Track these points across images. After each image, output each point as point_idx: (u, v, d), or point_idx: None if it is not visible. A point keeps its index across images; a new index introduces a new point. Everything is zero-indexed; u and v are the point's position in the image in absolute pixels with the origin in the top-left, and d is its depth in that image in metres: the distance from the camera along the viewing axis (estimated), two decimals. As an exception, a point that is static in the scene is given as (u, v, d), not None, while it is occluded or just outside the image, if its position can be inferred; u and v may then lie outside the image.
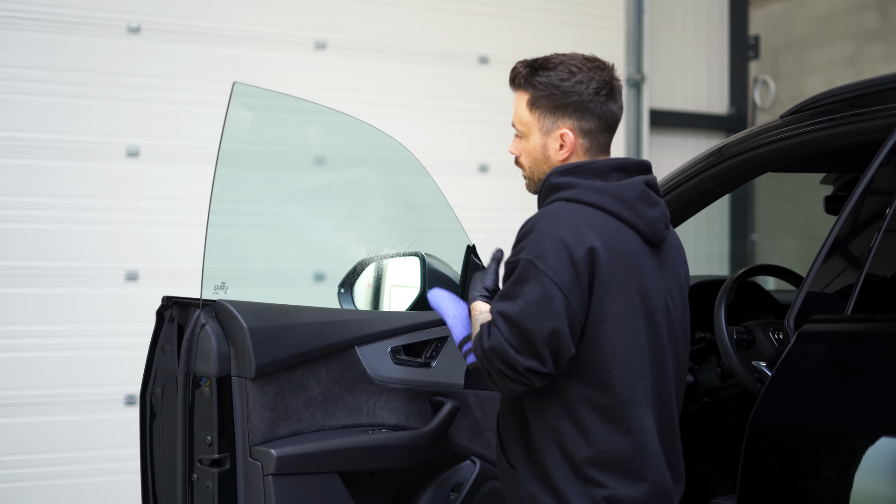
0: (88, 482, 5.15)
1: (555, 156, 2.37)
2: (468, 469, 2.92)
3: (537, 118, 2.38)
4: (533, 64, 2.40)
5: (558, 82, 2.35)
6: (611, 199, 2.29)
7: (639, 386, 2.26)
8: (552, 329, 2.21)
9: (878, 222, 2.34)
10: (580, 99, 2.34)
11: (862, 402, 2.24)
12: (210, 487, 2.57)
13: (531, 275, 2.23)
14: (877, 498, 2.17)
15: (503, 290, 2.30)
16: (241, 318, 2.57)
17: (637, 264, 2.28)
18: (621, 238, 2.27)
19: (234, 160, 2.46)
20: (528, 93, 2.39)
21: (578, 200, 2.29)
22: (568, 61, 2.37)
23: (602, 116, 2.36)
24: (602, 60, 2.41)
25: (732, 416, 3.27)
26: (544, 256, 2.22)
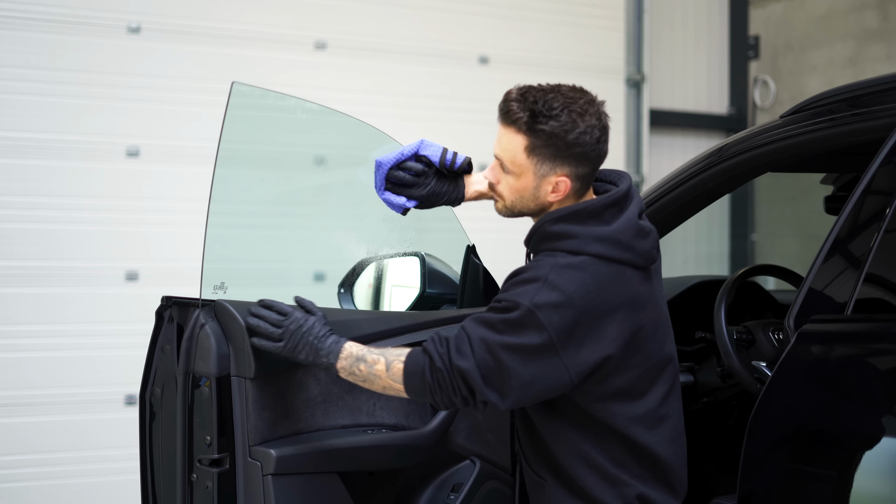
0: (88, 482, 5.15)
1: (545, 197, 2.35)
2: (468, 469, 2.92)
3: (534, 164, 2.32)
4: (533, 109, 2.29)
5: (562, 133, 2.28)
6: (610, 246, 2.29)
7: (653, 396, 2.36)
8: (532, 376, 2.26)
9: (878, 222, 2.34)
10: (583, 150, 2.30)
11: (862, 402, 2.24)
12: (209, 487, 2.57)
13: (530, 324, 2.23)
14: (877, 498, 2.17)
15: (492, 319, 2.29)
16: (241, 318, 2.57)
17: (635, 300, 2.31)
18: (621, 282, 2.29)
19: (233, 160, 2.46)
20: (526, 138, 2.31)
21: (580, 252, 2.28)
22: (571, 107, 2.29)
23: (597, 161, 2.34)
24: (591, 95, 2.35)
25: (732, 416, 3.27)
26: (547, 310, 2.23)
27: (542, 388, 2.29)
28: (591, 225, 2.30)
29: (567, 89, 2.31)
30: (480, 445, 2.92)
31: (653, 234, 2.39)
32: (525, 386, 2.27)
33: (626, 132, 6.78)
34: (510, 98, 2.33)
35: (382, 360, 2.40)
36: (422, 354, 2.36)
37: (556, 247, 2.30)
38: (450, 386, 2.31)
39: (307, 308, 2.54)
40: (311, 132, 3.50)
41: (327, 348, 2.45)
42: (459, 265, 3.09)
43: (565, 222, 2.30)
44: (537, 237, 2.35)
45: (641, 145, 6.88)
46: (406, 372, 2.37)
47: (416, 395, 2.38)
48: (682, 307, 3.28)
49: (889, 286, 2.36)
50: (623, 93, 6.76)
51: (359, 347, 2.45)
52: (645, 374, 2.35)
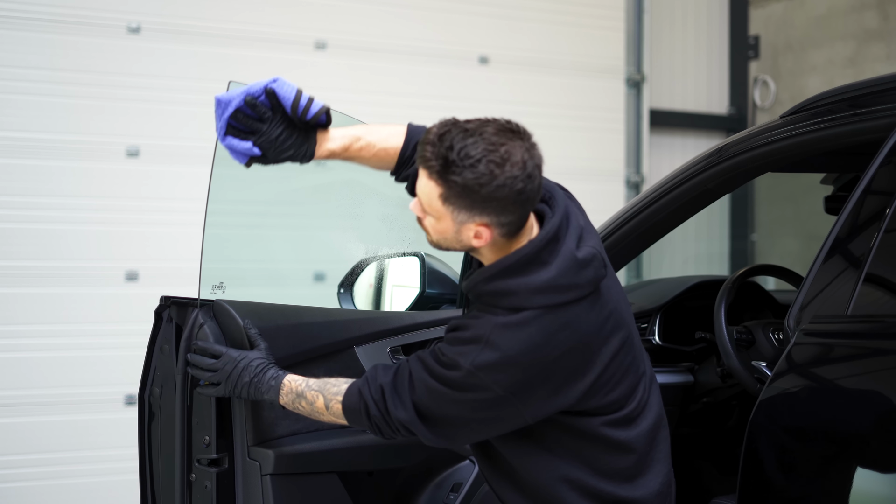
0: (88, 482, 5.15)
1: (468, 242, 2.16)
2: (467, 469, 2.92)
3: (450, 211, 2.11)
4: (447, 156, 2.06)
5: (476, 187, 2.05)
6: (552, 294, 2.12)
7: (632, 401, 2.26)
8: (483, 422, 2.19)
9: (878, 222, 2.34)
10: (499, 203, 2.08)
11: (862, 402, 2.23)
12: (208, 487, 2.57)
13: (475, 384, 2.13)
14: (877, 498, 2.17)
15: (437, 372, 2.17)
16: (239, 318, 2.56)
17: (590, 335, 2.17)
18: (571, 324, 2.14)
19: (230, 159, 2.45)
20: (438, 187, 2.09)
21: (521, 308, 2.11)
22: (490, 156, 2.04)
23: (524, 206, 2.11)
24: (519, 137, 2.09)
25: (732, 416, 3.27)
26: (489, 371, 2.11)
27: (497, 430, 2.21)
28: (529, 274, 2.12)
29: (493, 131, 2.07)
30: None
31: (594, 258, 2.18)
32: (476, 430, 2.21)
33: (626, 132, 6.78)
34: (426, 139, 2.10)
35: (321, 399, 2.33)
36: (357, 397, 2.27)
37: (496, 304, 2.14)
38: (389, 429, 2.25)
39: (250, 340, 2.49)
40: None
41: (266, 384, 2.40)
42: (459, 265, 3.09)
43: (500, 279, 2.13)
44: (473, 295, 2.20)
45: (641, 145, 6.88)
46: (345, 412, 2.31)
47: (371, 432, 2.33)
48: (682, 307, 3.28)
49: (889, 286, 2.35)
50: (623, 93, 6.76)
51: (298, 382, 2.38)
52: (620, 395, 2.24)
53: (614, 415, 2.22)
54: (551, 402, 2.16)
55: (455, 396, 2.15)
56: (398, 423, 2.22)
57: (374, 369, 2.29)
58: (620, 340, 2.22)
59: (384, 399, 2.22)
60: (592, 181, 6.49)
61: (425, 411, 2.20)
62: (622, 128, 6.73)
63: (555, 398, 2.16)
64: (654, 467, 2.28)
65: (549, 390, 2.15)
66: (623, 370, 2.23)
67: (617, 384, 2.21)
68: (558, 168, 3.19)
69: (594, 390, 2.18)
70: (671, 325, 3.23)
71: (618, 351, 2.21)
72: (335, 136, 2.40)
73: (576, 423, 2.21)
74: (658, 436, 2.30)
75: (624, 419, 2.23)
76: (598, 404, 2.20)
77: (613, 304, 2.23)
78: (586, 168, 6.52)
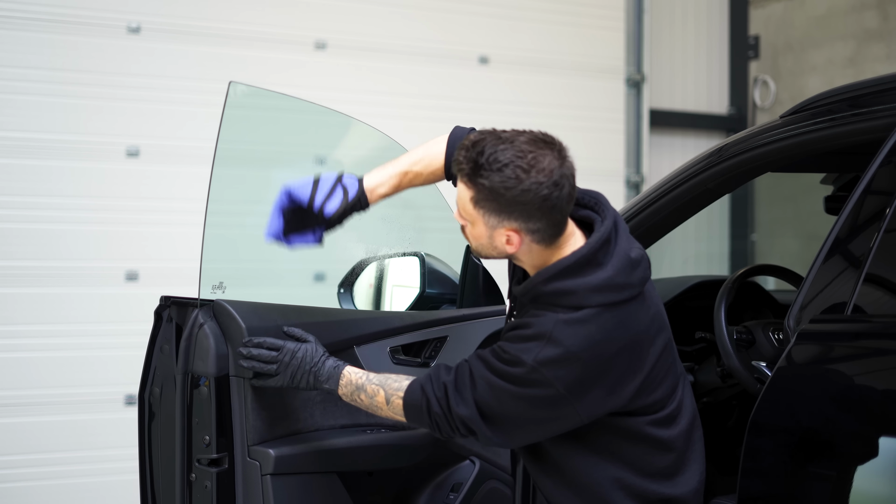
0: (88, 482, 5.15)
1: (502, 248, 2.26)
2: (467, 469, 2.92)
3: (481, 215, 2.23)
4: (476, 160, 2.18)
5: (502, 190, 2.16)
6: (609, 293, 2.22)
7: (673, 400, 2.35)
8: (541, 421, 2.25)
9: (878, 222, 2.34)
10: (524, 208, 2.18)
11: (861, 402, 2.23)
12: (208, 487, 2.57)
13: (536, 380, 2.20)
14: (877, 498, 2.17)
15: (498, 368, 2.23)
16: (239, 318, 2.56)
17: (641, 333, 2.27)
18: (626, 322, 2.24)
19: (231, 160, 2.46)
20: (470, 189, 2.21)
21: (581, 306, 2.20)
22: (518, 161, 2.16)
23: (551, 214, 2.20)
24: (549, 146, 2.20)
25: (732, 416, 3.27)
26: (552, 366, 2.18)
27: (553, 430, 2.28)
28: (586, 275, 2.21)
29: (525, 140, 2.18)
30: (480, 445, 2.92)
31: (644, 259, 2.31)
32: (533, 429, 2.28)
33: (626, 132, 6.78)
34: (462, 145, 2.23)
35: (382, 394, 2.39)
36: (420, 394, 2.33)
37: (556, 303, 2.22)
38: (449, 427, 2.31)
39: (297, 337, 2.54)
40: (309, 132, 3.49)
41: (326, 373, 2.46)
42: (459, 265, 3.09)
43: (559, 279, 2.22)
44: (531, 295, 2.26)
45: (641, 145, 6.88)
46: (405, 409, 2.36)
47: (419, 426, 2.40)
48: (682, 307, 3.28)
49: (889, 286, 2.35)
50: (623, 93, 6.76)
51: (358, 375, 2.44)
52: (662, 395, 2.34)
53: (657, 414, 2.31)
54: (606, 401, 2.23)
55: (516, 392, 2.21)
56: (459, 421, 2.28)
57: (436, 368, 2.35)
58: (664, 341, 2.32)
59: (447, 397, 2.28)
60: (592, 181, 6.42)
61: (486, 409, 2.25)
62: (622, 128, 6.73)
63: (609, 397, 2.23)
64: (692, 466, 2.37)
65: (604, 389, 2.22)
66: (665, 370, 2.32)
67: (660, 384, 2.30)
68: (558, 168, 3.17)
69: (643, 389, 2.27)
70: (671, 325, 3.23)
71: (662, 351, 2.31)
72: (383, 180, 2.50)
73: (622, 423, 2.28)
74: (694, 435, 2.39)
75: (666, 418, 2.32)
76: (643, 403, 2.28)
77: (656, 307, 2.34)
78: (586, 168, 6.47)
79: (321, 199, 2.43)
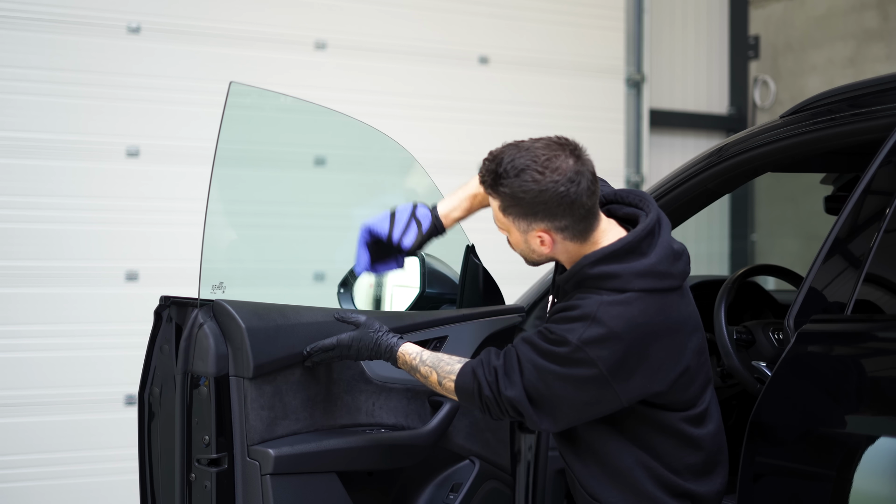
0: (88, 482, 5.15)
1: (540, 249, 2.39)
2: (467, 469, 2.92)
3: (512, 221, 2.37)
4: (496, 169, 2.34)
5: (521, 194, 2.31)
6: (652, 279, 2.32)
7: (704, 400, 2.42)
8: (584, 403, 2.32)
9: (878, 222, 2.34)
10: (546, 207, 2.31)
11: (862, 402, 2.23)
12: (208, 487, 2.57)
13: (581, 359, 2.28)
14: (877, 498, 2.17)
15: (543, 348, 2.33)
16: (239, 318, 2.56)
17: (679, 323, 2.36)
18: (666, 309, 2.33)
19: (231, 160, 2.46)
20: (496, 199, 2.37)
21: (625, 289, 2.30)
22: (532, 165, 2.30)
23: (573, 210, 2.32)
24: (564, 147, 2.34)
25: (732, 416, 3.27)
26: (596, 345, 2.27)
27: (594, 413, 2.36)
28: (631, 261, 2.32)
29: (541, 146, 2.33)
30: (480, 445, 2.92)
31: (685, 252, 2.43)
32: (577, 411, 2.35)
33: (626, 132, 6.78)
34: (486, 157, 2.38)
35: (434, 376, 2.49)
36: (471, 377, 2.42)
37: (601, 286, 2.32)
38: (499, 409, 2.39)
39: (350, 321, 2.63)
40: (309, 132, 3.50)
41: (384, 354, 2.57)
42: (459, 265, 3.09)
43: (605, 263, 2.32)
44: (577, 279, 2.36)
45: (641, 145, 6.88)
46: (458, 391, 2.45)
47: (470, 408, 2.52)
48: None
49: (889, 286, 2.36)
50: (623, 93, 6.76)
51: (412, 355, 2.53)
52: (695, 393, 2.41)
53: (689, 411, 2.39)
54: (645, 386, 2.32)
55: (561, 373, 2.30)
56: (507, 403, 2.36)
57: (487, 353, 2.44)
58: (698, 340, 2.41)
59: (496, 379, 2.37)
60: (592, 181, 6.48)
61: (533, 391, 2.34)
62: (622, 128, 6.73)
63: (649, 382, 2.31)
64: (719, 469, 2.45)
65: (644, 373, 2.30)
66: (698, 368, 2.40)
67: (693, 380, 2.38)
68: (558, 168, 3.17)
69: (681, 381, 2.35)
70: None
71: (697, 348, 2.40)
72: (456, 205, 2.71)
73: (657, 415, 2.37)
74: (720, 438, 2.47)
75: (697, 417, 2.40)
76: (678, 398, 2.37)
77: (693, 306, 2.44)
78: (586, 168, 6.51)
79: (398, 234, 2.66)
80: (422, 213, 2.68)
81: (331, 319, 2.71)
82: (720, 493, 2.46)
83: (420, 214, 2.68)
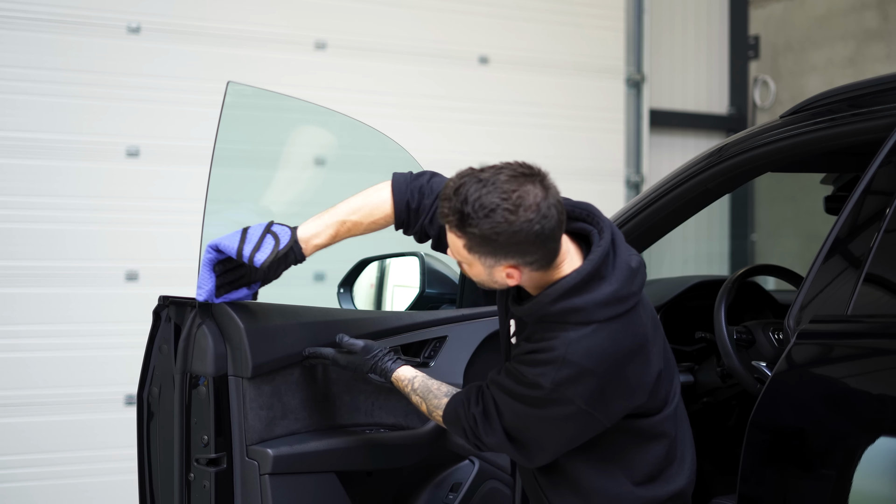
0: (88, 482, 5.15)
1: (503, 282, 2.26)
2: (467, 469, 2.92)
3: (477, 258, 2.22)
4: (462, 210, 2.15)
5: (493, 236, 2.15)
6: (615, 305, 2.24)
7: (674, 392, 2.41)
8: (568, 437, 2.30)
9: (878, 222, 2.34)
10: (520, 247, 2.17)
11: (861, 402, 2.23)
12: (207, 487, 2.57)
13: (557, 400, 2.24)
14: (876, 498, 2.17)
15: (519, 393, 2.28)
16: (238, 318, 2.56)
17: (645, 335, 2.32)
18: (631, 328, 2.28)
19: (229, 160, 2.46)
20: (460, 238, 2.20)
21: (590, 321, 2.22)
22: (504, 204, 2.13)
23: (545, 243, 2.19)
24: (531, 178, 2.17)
25: (732, 416, 3.27)
26: (570, 385, 2.22)
27: (581, 440, 2.32)
28: (592, 290, 2.23)
29: (505, 179, 2.15)
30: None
31: (641, 266, 2.34)
32: (562, 445, 2.33)
33: (626, 132, 6.78)
34: (444, 195, 2.20)
35: (424, 407, 2.49)
36: (455, 417, 2.40)
37: (565, 320, 2.24)
38: (487, 448, 2.39)
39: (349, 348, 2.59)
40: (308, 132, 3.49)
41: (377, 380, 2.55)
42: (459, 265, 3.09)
43: (566, 299, 2.23)
44: (538, 315, 2.27)
45: (641, 145, 6.88)
46: (445, 424, 2.45)
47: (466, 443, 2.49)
48: (682, 307, 3.28)
49: (889, 286, 2.35)
50: (623, 93, 6.76)
51: (404, 383, 2.52)
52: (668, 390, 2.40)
53: (664, 412, 2.37)
54: (626, 405, 2.29)
55: (540, 414, 2.26)
56: (492, 448, 2.36)
57: (467, 393, 2.40)
58: (661, 339, 2.39)
59: (477, 427, 2.35)
60: (592, 181, 6.49)
61: (515, 434, 2.31)
62: (622, 128, 6.73)
63: (628, 400, 2.29)
64: (686, 453, 2.44)
65: (622, 395, 2.27)
66: (665, 364, 2.38)
67: (664, 380, 2.36)
68: (558, 168, 3.18)
69: (656, 386, 2.32)
70: (671, 325, 3.23)
71: (661, 348, 2.37)
72: (319, 231, 2.49)
73: (633, 425, 2.34)
74: (688, 429, 2.46)
75: (670, 416, 2.38)
76: (654, 403, 2.34)
77: (650, 306, 2.39)
78: (586, 168, 6.52)
79: (249, 249, 2.40)
80: (279, 230, 2.45)
81: (330, 319, 2.71)
82: (691, 482, 2.44)
83: (277, 231, 2.44)
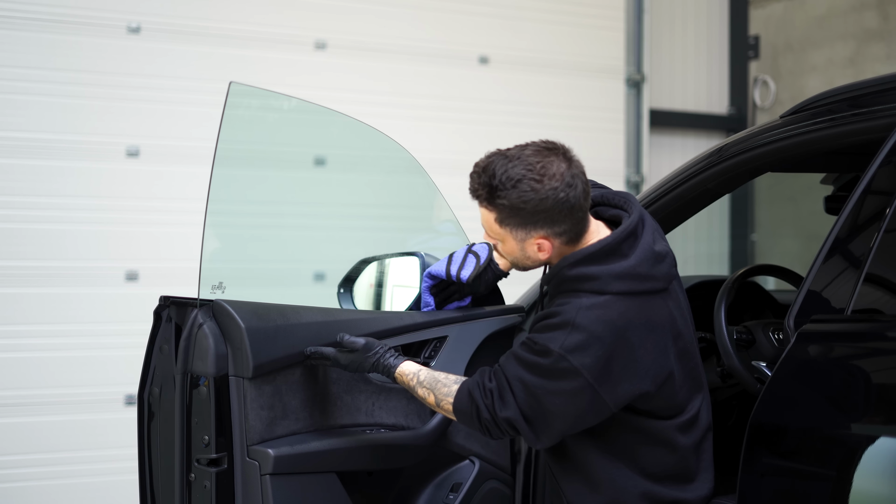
0: (88, 482, 5.15)
1: (535, 257, 2.40)
2: (467, 469, 2.92)
3: (509, 231, 2.37)
4: (490, 183, 2.32)
5: (521, 204, 2.31)
6: (631, 281, 2.31)
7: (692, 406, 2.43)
8: (575, 415, 2.32)
9: (878, 222, 2.34)
10: (548, 215, 2.31)
11: (862, 402, 2.23)
12: (207, 487, 2.57)
13: (565, 369, 2.28)
14: (877, 498, 2.17)
15: (529, 361, 2.32)
16: (239, 318, 2.56)
17: (662, 325, 2.35)
18: (646, 312, 2.32)
19: (230, 160, 2.46)
20: (491, 212, 2.36)
21: (603, 292, 2.30)
22: (529, 175, 2.29)
23: (572, 213, 2.33)
24: (554, 151, 2.33)
25: (732, 416, 3.27)
26: (578, 353, 2.26)
27: (586, 423, 2.36)
28: (610, 262, 2.32)
29: (531, 153, 2.32)
30: (479, 445, 2.92)
31: (668, 255, 2.42)
32: (568, 423, 2.35)
33: (626, 132, 6.78)
34: (473, 171, 2.37)
35: (432, 397, 2.50)
36: (468, 400, 2.42)
37: (580, 288, 2.32)
38: (498, 430, 2.40)
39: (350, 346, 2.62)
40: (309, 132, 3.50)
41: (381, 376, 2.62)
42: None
43: (584, 265, 2.32)
44: (557, 281, 2.37)
45: (641, 145, 6.88)
46: (456, 413, 2.46)
47: (469, 429, 2.51)
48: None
49: (889, 286, 2.35)
50: (623, 93, 6.76)
51: (409, 377, 2.53)
52: (687, 400, 2.41)
53: (676, 419, 2.39)
54: (631, 388, 2.31)
55: (549, 387, 2.30)
56: (505, 423, 2.37)
57: (481, 374, 2.44)
58: (683, 344, 2.40)
59: (493, 401, 2.38)
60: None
61: (526, 409, 2.34)
62: (622, 128, 6.72)
63: (634, 383, 2.31)
64: (703, 475, 2.46)
65: (628, 375, 2.30)
66: (685, 374, 2.39)
67: (681, 387, 2.39)
68: (558, 168, 3.17)
69: (667, 385, 2.35)
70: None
71: (681, 353, 2.39)
72: None
73: (642, 424, 2.37)
74: (708, 446, 2.47)
75: (684, 424, 2.40)
76: (665, 404, 2.37)
77: (679, 311, 2.42)
78: (586, 168, 6.51)
79: (455, 268, 2.75)
80: (479, 248, 2.76)
81: (330, 319, 2.71)
82: (707, 499, 2.46)
83: (477, 249, 2.76)
